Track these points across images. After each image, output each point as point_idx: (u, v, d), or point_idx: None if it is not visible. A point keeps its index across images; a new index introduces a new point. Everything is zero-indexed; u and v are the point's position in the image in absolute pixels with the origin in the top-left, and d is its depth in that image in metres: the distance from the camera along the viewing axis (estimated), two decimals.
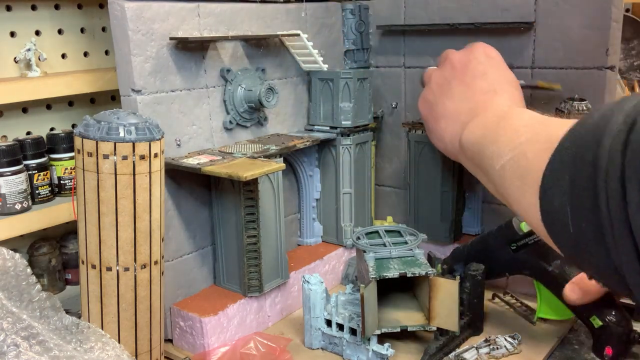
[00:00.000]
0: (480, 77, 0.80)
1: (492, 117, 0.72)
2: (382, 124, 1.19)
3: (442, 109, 0.82)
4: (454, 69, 0.83)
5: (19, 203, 0.94)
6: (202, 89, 0.92)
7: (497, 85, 0.79)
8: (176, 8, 0.86)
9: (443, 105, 0.82)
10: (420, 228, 1.04)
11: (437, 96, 0.84)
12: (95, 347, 0.70)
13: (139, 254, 0.74)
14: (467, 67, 0.82)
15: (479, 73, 0.81)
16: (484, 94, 0.78)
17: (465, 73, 0.82)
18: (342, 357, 0.86)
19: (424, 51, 1.11)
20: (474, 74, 0.81)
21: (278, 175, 0.92)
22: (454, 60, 0.84)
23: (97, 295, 0.75)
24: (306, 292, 0.87)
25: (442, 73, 0.85)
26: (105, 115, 0.73)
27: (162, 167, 0.76)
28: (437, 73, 0.87)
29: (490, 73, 0.81)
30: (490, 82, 0.79)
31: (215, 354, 0.85)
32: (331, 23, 1.12)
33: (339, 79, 1.04)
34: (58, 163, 1.02)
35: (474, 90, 0.79)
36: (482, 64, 0.82)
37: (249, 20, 0.97)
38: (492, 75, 0.80)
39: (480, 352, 0.83)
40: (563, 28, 0.95)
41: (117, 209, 0.72)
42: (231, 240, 0.92)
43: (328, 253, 1.07)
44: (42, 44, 1.04)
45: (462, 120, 0.77)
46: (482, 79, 0.80)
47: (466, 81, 0.81)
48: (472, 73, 0.81)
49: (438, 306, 0.82)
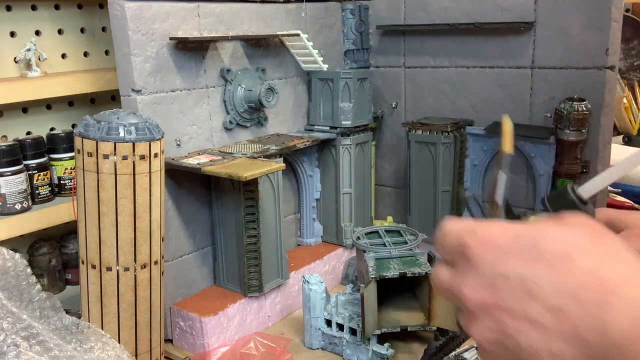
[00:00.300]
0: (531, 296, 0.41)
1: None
2: (382, 124, 1.19)
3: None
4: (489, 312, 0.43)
5: (19, 203, 0.94)
6: (202, 89, 0.92)
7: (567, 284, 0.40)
8: (176, 8, 0.86)
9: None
10: (420, 228, 1.04)
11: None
12: (95, 347, 0.70)
13: (139, 254, 0.74)
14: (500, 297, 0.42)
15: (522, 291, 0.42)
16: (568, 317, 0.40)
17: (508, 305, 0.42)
18: (342, 357, 0.86)
19: (424, 51, 1.11)
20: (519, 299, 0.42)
21: (278, 175, 0.92)
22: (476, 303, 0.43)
23: (97, 295, 0.75)
24: (306, 292, 0.87)
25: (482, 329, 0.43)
26: (105, 115, 0.73)
27: (162, 167, 0.76)
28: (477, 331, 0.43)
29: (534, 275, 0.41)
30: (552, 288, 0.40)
31: (215, 354, 0.85)
32: (331, 23, 1.12)
33: (339, 79, 1.04)
34: (58, 163, 1.02)
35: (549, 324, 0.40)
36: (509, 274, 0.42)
37: (249, 20, 0.97)
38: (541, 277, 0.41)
39: None
40: (563, 28, 0.95)
41: (117, 209, 0.72)
42: (231, 240, 0.92)
43: (328, 253, 1.07)
44: (42, 44, 1.04)
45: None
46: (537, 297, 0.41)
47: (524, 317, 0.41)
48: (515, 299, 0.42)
49: (438, 306, 0.82)
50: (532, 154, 1.01)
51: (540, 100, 1.00)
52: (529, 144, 1.01)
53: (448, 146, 1.03)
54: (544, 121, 1.00)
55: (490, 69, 1.04)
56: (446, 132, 1.02)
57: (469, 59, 1.06)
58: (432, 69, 1.11)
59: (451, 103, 1.10)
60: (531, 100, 1.01)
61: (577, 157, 0.96)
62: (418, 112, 1.14)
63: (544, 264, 0.39)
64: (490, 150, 1.06)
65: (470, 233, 0.43)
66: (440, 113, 1.12)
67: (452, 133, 1.02)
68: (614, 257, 0.39)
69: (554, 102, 0.97)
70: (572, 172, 0.96)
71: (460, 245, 0.43)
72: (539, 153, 1.00)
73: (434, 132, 1.03)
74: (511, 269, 0.41)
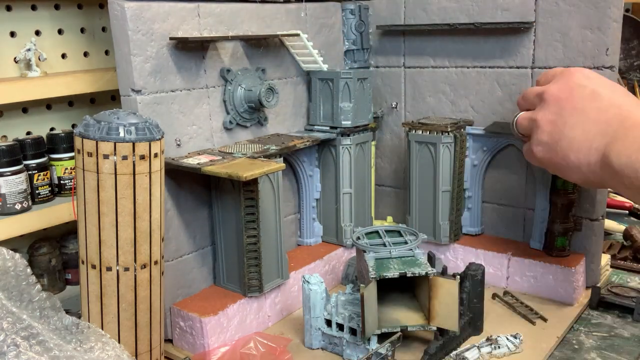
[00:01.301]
0: (593, 99, 0.75)
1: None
2: (382, 124, 1.19)
3: (568, 143, 0.76)
4: (559, 101, 0.78)
5: (19, 203, 0.94)
6: (202, 89, 0.92)
7: (616, 99, 0.74)
8: (176, 8, 0.86)
9: (567, 140, 0.76)
10: (420, 228, 1.04)
11: (555, 133, 0.78)
12: (95, 347, 0.70)
13: (139, 254, 0.74)
14: (572, 95, 0.77)
15: (589, 95, 0.76)
16: (605, 112, 0.74)
17: (574, 101, 0.77)
18: (342, 357, 0.86)
19: (423, 51, 1.11)
20: (584, 98, 0.76)
21: (278, 175, 0.92)
22: (555, 94, 0.79)
23: (97, 295, 0.75)
24: (306, 292, 0.87)
25: (547, 111, 0.79)
26: (105, 115, 0.73)
27: (162, 167, 0.76)
28: (542, 114, 0.80)
29: (600, 91, 0.76)
30: (607, 99, 0.75)
31: (215, 354, 0.85)
32: (331, 23, 1.12)
33: (339, 79, 1.04)
34: (58, 163, 1.02)
35: (593, 113, 0.75)
36: (586, 87, 0.77)
37: (249, 20, 0.97)
38: (603, 93, 0.75)
39: (482, 352, 0.83)
40: (563, 28, 0.95)
41: (117, 209, 0.72)
42: (231, 240, 0.92)
43: (328, 253, 1.07)
44: (42, 44, 1.04)
45: (595, 147, 0.73)
46: (595, 100, 0.75)
47: (579, 107, 0.76)
48: (581, 98, 0.76)
49: (438, 306, 0.82)
50: None
51: None
52: None
53: (448, 146, 1.03)
54: None
55: (490, 69, 1.04)
56: (446, 132, 1.02)
57: (469, 59, 1.06)
58: (432, 69, 1.11)
59: (451, 103, 1.10)
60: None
61: None
62: (418, 112, 1.14)
63: (608, 89, 0.76)
64: (490, 150, 1.06)
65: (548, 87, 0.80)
66: (440, 113, 1.12)
67: (452, 133, 1.02)
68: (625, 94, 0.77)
69: None
70: None
71: (566, 68, 0.81)
72: None
73: (434, 132, 1.03)
74: (589, 84, 0.76)
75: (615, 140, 0.70)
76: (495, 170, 1.08)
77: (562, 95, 0.78)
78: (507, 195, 1.08)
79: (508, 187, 1.07)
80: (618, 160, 0.68)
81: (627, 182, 0.67)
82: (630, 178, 0.67)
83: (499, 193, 1.09)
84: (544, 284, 0.99)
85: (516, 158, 1.05)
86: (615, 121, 0.72)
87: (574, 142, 0.76)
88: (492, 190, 1.09)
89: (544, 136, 0.80)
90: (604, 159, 0.71)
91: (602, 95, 0.75)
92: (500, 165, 1.07)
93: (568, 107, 0.77)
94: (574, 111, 0.76)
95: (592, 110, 0.75)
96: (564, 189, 0.97)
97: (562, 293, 0.98)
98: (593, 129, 0.74)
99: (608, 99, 0.74)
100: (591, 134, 0.74)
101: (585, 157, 0.74)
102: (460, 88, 1.08)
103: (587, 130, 0.74)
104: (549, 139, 0.79)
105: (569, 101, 0.77)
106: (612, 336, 0.88)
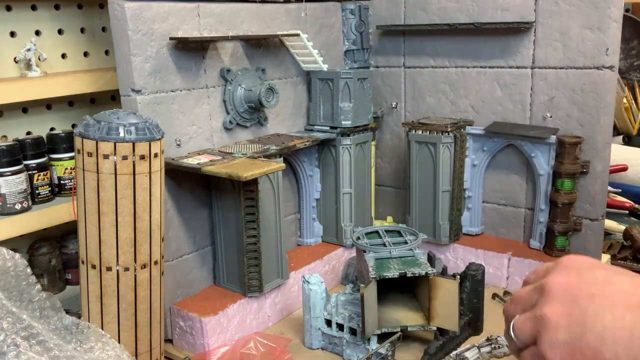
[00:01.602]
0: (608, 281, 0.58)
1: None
2: (382, 124, 1.19)
3: (597, 337, 0.56)
4: (569, 288, 0.58)
5: (19, 203, 0.94)
6: (202, 89, 0.92)
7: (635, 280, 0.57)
8: (176, 8, 0.86)
9: (594, 334, 0.56)
10: (420, 228, 1.04)
11: (574, 328, 0.57)
12: (95, 347, 0.70)
13: (139, 254, 0.74)
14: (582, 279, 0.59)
15: (602, 279, 0.58)
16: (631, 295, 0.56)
17: (588, 285, 0.58)
18: (342, 357, 0.86)
19: (423, 51, 1.11)
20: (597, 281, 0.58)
21: (278, 175, 0.92)
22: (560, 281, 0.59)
23: (97, 295, 0.75)
24: (306, 292, 0.87)
25: (556, 303, 0.58)
26: (105, 115, 0.73)
27: (162, 167, 0.76)
28: (548, 308, 0.59)
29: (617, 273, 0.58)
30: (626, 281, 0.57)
31: (215, 354, 0.85)
32: (331, 23, 1.12)
33: (339, 79, 1.04)
34: (58, 163, 1.02)
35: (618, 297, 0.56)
36: (594, 269, 0.59)
37: (249, 20, 0.97)
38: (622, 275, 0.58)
39: (482, 351, 0.83)
40: (563, 28, 0.95)
41: (117, 209, 0.72)
42: (231, 240, 0.92)
43: (328, 253, 1.07)
44: (42, 44, 1.04)
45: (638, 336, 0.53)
46: (612, 283, 0.58)
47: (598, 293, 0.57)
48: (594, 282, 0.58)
49: (438, 306, 0.82)
50: (532, 154, 1.01)
51: (540, 100, 1.00)
52: (528, 144, 1.01)
53: (448, 146, 1.03)
54: (543, 121, 1.00)
55: (490, 69, 1.04)
56: (446, 132, 1.02)
57: (469, 59, 1.06)
58: (432, 69, 1.11)
59: (451, 103, 1.10)
60: (531, 100, 1.01)
61: (576, 157, 0.96)
62: (418, 112, 1.14)
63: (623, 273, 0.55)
64: (490, 150, 1.06)
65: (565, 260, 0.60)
66: (440, 113, 1.12)
67: (452, 133, 1.02)
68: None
69: (554, 102, 0.97)
70: (572, 171, 0.96)
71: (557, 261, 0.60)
72: (539, 153, 1.00)
73: (434, 132, 1.03)
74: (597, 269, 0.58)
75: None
76: (495, 170, 1.08)
77: (570, 282, 0.61)
78: (507, 195, 1.08)
79: (508, 187, 1.07)
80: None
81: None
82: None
83: (499, 193, 1.09)
84: None
85: (516, 158, 1.05)
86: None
87: (606, 334, 0.57)
88: (492, 190, 1.09)
89: (560, 334, 0.60)
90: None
91: (620, 277, 0.59)
92: (500, 165, 1.07)
93: (583, 294, 0.59)
94: (592, 297, 0.59)
95: (614, 293, 0.59)
96: (564, 189, 0.97)
97: None
98: (627, 315, 0.56)
99: (629, 281, 0.58)
100: (627, 321, 0.56)
101: (625, 349, 0.56)
102: (460, 88, 1.08)
103: (619, 316, 0.57)
104: (568, 336, 0.59)
105: (582, 287, 0.60)
106: None
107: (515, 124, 1.03)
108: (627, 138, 1.66)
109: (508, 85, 1.03)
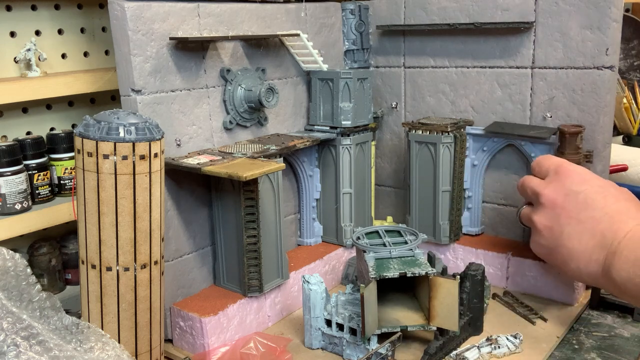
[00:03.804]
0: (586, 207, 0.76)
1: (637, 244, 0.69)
2: (382, 124, 1.19)
3: (566, 252, 0.77)
4: (555, 207, 0.78)
5: (19, 203, 0.94)
6: (202, 89, 0.92)
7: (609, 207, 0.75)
8: (176, 8, 0.86)
9: (565, 249, 0.77)
10: (420, 228, 1.04)
11: (552, 240, 0.79)
12: (95, 347, 0.70)
13: (139, 254, 0.74)
14: (566, 202, 0.78)
15: (582, 203, 0.76)
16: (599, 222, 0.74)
17: (569, 209, 0.77)
18: (342, 357, 0.86)
19: (423, 51, 1.11)
20: (578, 206, 0.76)
21: (278, 175, 0.92)
22: (550, 198, 0.79)
23: (97, 295, 0.75)
24: (306, 292, 0.87)
25: (544, 216, 0.80)
26: (105, 115, 0.73)
27: (162, 167, 0.76)
28: (538, 217, 0.81)
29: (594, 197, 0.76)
30: (600, 207, 0.75)
31: (215, 354, 0.85)
32: (331, 23, 1.12)
33: (339, 79, 1.04)
34: (58, 163, 1.02)
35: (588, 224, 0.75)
36: (579, 193, 0.77)
37: (249, 20, 0.97)
38: (596, 200, 0.76)
39: (482, 352, 0.83)
40: (563, 28, 0.95)
41: (117, 209, 0.72)
42: (231, 240, 0.92)
43: (328, 253, 1.07)
44: (42, 44, 1.04)
45: (594, 259, 0.73)
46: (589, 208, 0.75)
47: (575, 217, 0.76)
48: (575, 207, 0.76)
49: (438, 306, 0.82)
50: (532, 154, 1.01)
51: (540, 100, 1.00)
52: (528, 144, 1.01)
53: (448, 146, 1.03)
54: (543, 121, 1.00)
55: (490, 69, 1.04)
56: (446, 132, 1.02)
57: (469, 59, 1.06)
58: (432, 69, 1.11)
59: (451, 103, 1.10)
60: (531, 100, 1.01)
61: (578, 147, 0.94)
62: (418, 112, 1.14)
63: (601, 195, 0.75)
64: (490, 150, 1.06)
65: (566, 162, 0.81)
66: (440, 113, 1.12)
67: (452, 133, 1.02)
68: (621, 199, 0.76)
69: (554, 102, 0.97)
70: (574, 162, 0.95)
71: (559, 164, 0.81)
72: (539, 153, 1.00)
73: (434, 132, 1.03)
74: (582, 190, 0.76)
75: (612, 255, 0.71)
76: (495, 170, 1.08)
77: (557, 201, 0.78)
78: (507, 195, 1.08)
79: (508, 187, 1.07)
80: (619, 275, 0.69)
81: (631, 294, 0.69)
82: (632, 291, 0.68)
83: (499, 193, 1.09)
84: (544, 284, 0.99)
85: (516, 158, 1.05)
86: (609, 233, 0.72)
87: (573, 252, 0.76)
88: (492, 190, 1.09)
89: (543, 240, 0.81)
90: (605, 272, 0.72)
91: (596, 202, 0.75)
92: (500, 165, 1.07)
93: (564, 215, 0.77)
94: (569, 220, 0.77)
95: (587, 220, 0.75)
96: None
97: (562, 293, 0.98)
98: (590, 242, 0.74)
99: (601, 207, 0.75)
100: (589, 246, 0.74)
101: (585, 267, 0.75)
102: (460, 88, 1.08)
103: (584, 241, 0.75)
104: (547, 244, 0.80)
105: (564, 209, 0.77)
106: (612, 336, 0.88)
107: (515, 124, 1.03)
108: (627, 138, 1.66)
109: (508, 85, 1.03)
